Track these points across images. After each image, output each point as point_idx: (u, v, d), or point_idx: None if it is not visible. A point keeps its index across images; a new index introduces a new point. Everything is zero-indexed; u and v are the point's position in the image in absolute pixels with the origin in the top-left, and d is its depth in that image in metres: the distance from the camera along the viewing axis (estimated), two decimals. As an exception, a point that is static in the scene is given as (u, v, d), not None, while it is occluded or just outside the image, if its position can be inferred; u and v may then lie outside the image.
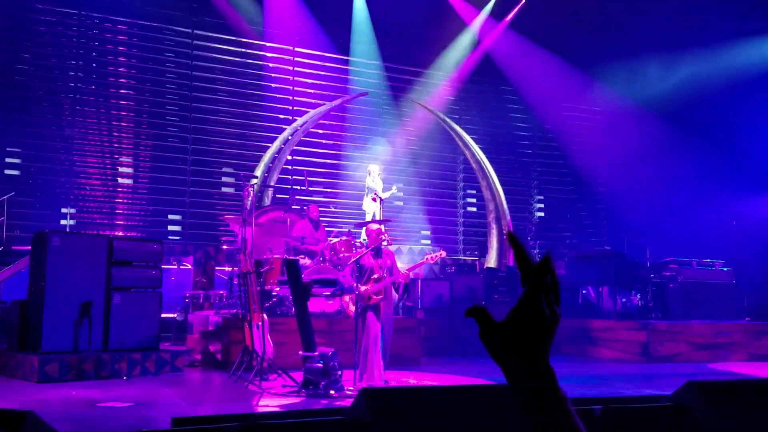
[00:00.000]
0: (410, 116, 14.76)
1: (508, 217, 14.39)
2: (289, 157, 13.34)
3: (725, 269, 12.17)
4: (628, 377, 8.63)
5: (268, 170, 12.92)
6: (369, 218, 11.03)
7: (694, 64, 14.28)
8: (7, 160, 11.60)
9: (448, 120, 14.70)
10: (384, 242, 7.24)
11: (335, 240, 10.04)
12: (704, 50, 14.25)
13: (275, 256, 9.36)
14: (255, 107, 13.45)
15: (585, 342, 11.36)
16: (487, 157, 14.70)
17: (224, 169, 13.17)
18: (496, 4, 14.80)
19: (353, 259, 7.16)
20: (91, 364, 7.50)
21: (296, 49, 13.84)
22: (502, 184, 14.59)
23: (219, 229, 12.52)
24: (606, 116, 16.34)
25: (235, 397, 6.74)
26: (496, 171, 14.70)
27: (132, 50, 12.65)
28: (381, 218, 11.05)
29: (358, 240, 10.27)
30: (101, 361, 7.57)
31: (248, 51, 13.50)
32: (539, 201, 16.06)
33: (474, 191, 15.22)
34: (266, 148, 13.09)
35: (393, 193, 12.29)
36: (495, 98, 15.85)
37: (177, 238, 12.47)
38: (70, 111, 12.01)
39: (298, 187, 11.00)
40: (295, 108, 13.70)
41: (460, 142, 14.65)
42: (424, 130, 14.76)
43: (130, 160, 12.59)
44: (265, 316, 7.63)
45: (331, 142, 14.02)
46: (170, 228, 12.59)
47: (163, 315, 8.93)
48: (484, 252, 14.00)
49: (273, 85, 13.64)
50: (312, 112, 13.59)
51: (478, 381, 7.86)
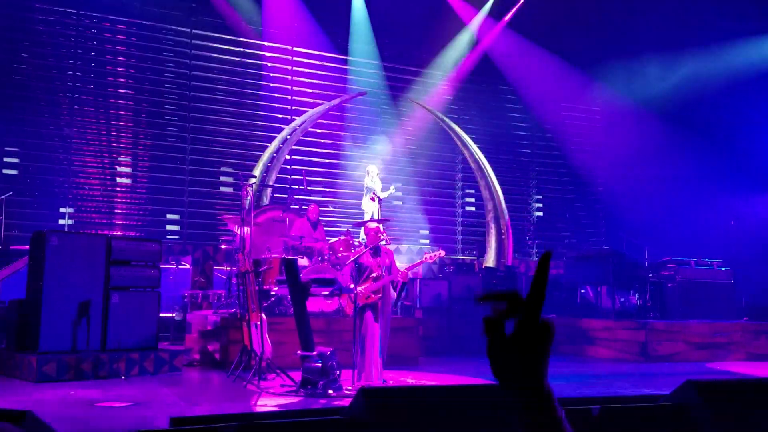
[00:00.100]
0: (409, 116, 14.76)
1: (507, 217, 14.39)
2: (287, 157, 13.33)
3: (723, 269, 12.18)
4: (627, 377, 8.63)
5: (266, 170, 12.92)
6: (368, 218, 11.02)
7: (693, 64, 14.29)
8: (6, 159, 11.58)
9: (447, 120, 14.69)
10: (382, 241, 7.23)
11: (334, 239, 10.04)
12: (703, 50, 14.26)
13: (274, 255, 9.36)
14: (254, 107, 13.44)
15: (583, 341, 11.36)
16: (485, 156, 14.70)
17: (223, 169, 13.16)
18: (494, 4, 14.79)
19: (352, 258, 7.16)
20: (90, 363, 7.49)
21: (295, 49, 13.83)
22: (500, 184, 14.60)
23: (217, 228, 12.51)
24: (605, 116, 16.34)
25: (234, 397, 6.74)
26: (494, 170, 14.70)
27: (131, 50, 12.64)
28: (380, 218, 11.05)
29: (356, 239, 10.27)
30: (99, 361, 7.56)
31: (247, 51, 13.49)
32: (538, 201, 16.06)
33: (473, 191, 15.21)
34: (265, 148, 13.09)
35: (391, 192, 12.28)
36: (494, 98, 15.85)
37: (175, 237, 12.46)
38: (68, 110, 12.00)
39: (297, 187, 10.99)
40: (293, 107, 13.70)
41: (458, 142, 14.65)
42: (423, 129, 14.77)
43: (129, 160, 12.57)
44: (263, 315, 7.63)
45: (330, 141, 14.02)
46: (169, 227, 12.58)
47: (162, 315, 8.92)
48: (482, 251, 14.00)
49: (272, 84, 13.64)
50: (311, 111, 13.58)
51: (476, 380, 7.86)
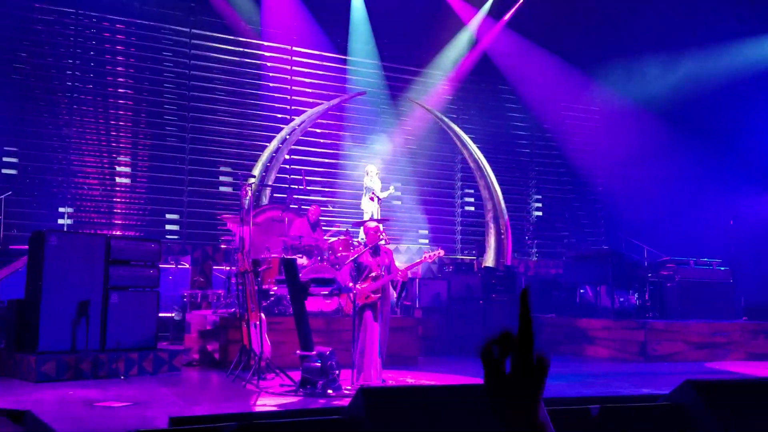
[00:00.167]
0: (408, 116, 14.75)
1: (506, 217, 14.38)
2: (286, 157, 13.33)
3: (722, 269, 12.18)
4: (626, 376, 8.63)
5: (265, 169, 12.91)
6: (367, 218, 11.02)
7: (693, 64, 14.29)
8: (5, 159, 11.57)
9: (446, 119, 14.69)
10: (382, 240, 7.22)
11: (333, 239, 10.03)
12: (703, 50, 14.25)
13: (273, 255, 9.36)
14: (253, 107, 13.44)
15: (583, 341, 11.37)
16: (485, 156, 14.70)
17: (222, 169, 13.16)
18: (494, 4, 14.78)
19: (352, 258, 7.15)
20: (89, 363, 7.48)
21: (294, 49, 13.83)
22: (500, 184, 14.59)
23: (217, 228, 12.51)
24: (604, 116, 16.35)
25: (233, 397, 6.73)
26: (494, 170, 14.70)
27: (130, 49, 12.63)
28: (379, 218, 11.05)
29: (356, 239, 10.26)
30: (99, 361, 7.56)
31: (246, 50, 13.49)
32: (537, 200, 16.06)
33: (472, 191, 15.21)
34: (264, 148, 13.09)
35: (391, 192, 12.27)
36: (493, 98, 15.86)
37: (175, 237, 12.46)
38: (67, 110, 11.99)
39: (296, 187, 10.99)
40: (293, 107, 13.69)
41: (458, 142, 14.64)
42: (422, 129, 14.77)
43: (128, 160, 12.56)
44: (262, 315, 7.62)
45: (329, 141, 14.02)
46: (168, 227, 12.58)
47: (161, 314, 8.92)
48: (481, 251, 14.00)
49: (271, 84, 13.65)
50: (310, 111, 13.58)
51: (475, 380, 7.86)
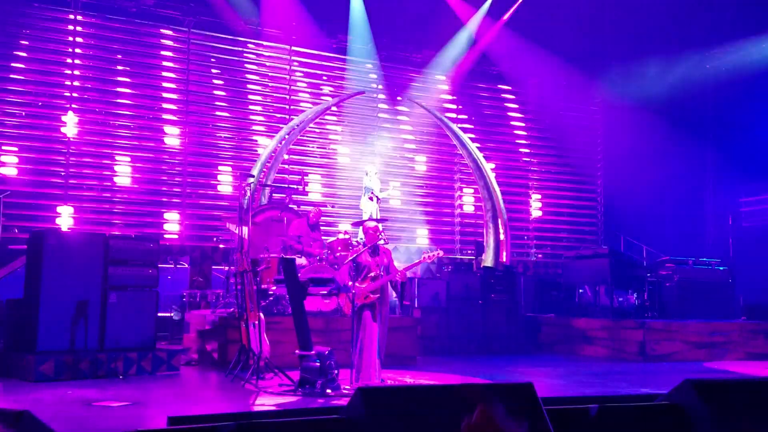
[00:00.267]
0: (407, 115, 14.76)
1: (505, 217, 14.37)
2: (286, 157, 13.32)
3: (721, 268, 12.19)
4: (625, 376, 8.64)
5: (265, 169, 12.90)
6: (366, 218, 11.01)
7: (693, 64, 14.29)
8: (4, 159, 11.55)
9: (445, 119, 14.68)
10: (381, 240, 7.22)
11: (332, 239, 10.03)
12: (703, 50, 14.26)
13: (272, 255, 9.36)
14: (252, 106, 13.43)
15: (582, 341, 11.38)
16: (484, 156, 14.69)
17: (221, 168, 13.14)
18: (493, 3, 14.75)
19: (351, 257, 7.15)
20: (88, 363, 7.48)
21: (293, 48, 13.82)
22: (499, 184, 14.59)
23: (216, 228, 12.50)
24: (604, 116, 16.35)
25: (232, 396, 6.74)
26: (493, 170, 14.69)
27: (129, 49, 12.61)
28: (378, 217, 11.05)
29: (355, 239, 10.26)
30: (97, 361, 7.56)
31: (245, 50, 13.49)
32: (536, 200, 16.06)
33: (471, 190, 15.21)
34: (263, 147, 13.07)
35: (390, 192, 12.26)
36: (492, 97, 15.86)
37: (174, 237, 12.44)
38: (67, 110, 11.97)
39: (295, 187, 10.98)
40: (292, 107, 13.69)
41: (456, 142, 14.63)
42: (421, 129, 14.76)
43: (127, 159, 12.54)
44: (261, 315, 7.63)
45: (328, 141, 14.02)
46: (167, 227, 12.56)
47: (160, 314, 8.93)
48: (481, 251, 14.00)
49: (270, 84, 13.64)
50: (309, 111, 13.57)
51: (474, 380, 7.87)
